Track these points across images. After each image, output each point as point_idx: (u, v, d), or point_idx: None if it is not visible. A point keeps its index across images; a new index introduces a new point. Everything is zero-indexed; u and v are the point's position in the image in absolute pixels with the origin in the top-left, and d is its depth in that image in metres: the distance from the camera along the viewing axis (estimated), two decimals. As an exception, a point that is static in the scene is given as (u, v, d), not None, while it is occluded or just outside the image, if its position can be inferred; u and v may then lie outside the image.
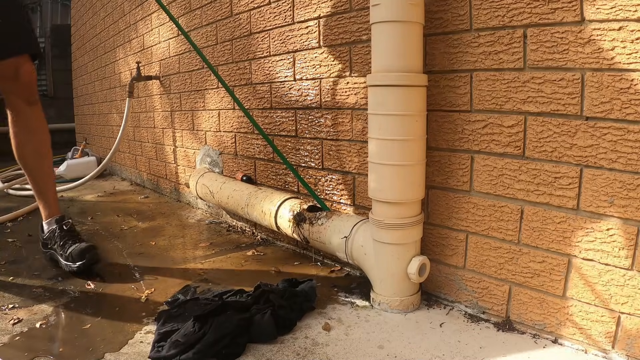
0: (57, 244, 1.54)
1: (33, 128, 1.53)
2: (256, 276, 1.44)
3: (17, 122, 1.51)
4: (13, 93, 1.47)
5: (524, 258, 1.04)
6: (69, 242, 1.53)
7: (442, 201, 1.19)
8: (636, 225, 0.87)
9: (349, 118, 1.41)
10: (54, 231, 1.57)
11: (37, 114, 1.53)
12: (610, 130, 0.88)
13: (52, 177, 1.62)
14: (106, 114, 3.63)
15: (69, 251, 1.49)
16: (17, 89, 1.46)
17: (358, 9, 1.33)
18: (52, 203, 1.61)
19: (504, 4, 1.00)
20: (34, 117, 1.52)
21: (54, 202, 1.62)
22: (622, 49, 0.84)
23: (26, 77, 1.45)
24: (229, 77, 1.95)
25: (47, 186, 1.60)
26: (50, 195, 1.61)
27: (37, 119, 1.53)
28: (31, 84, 1.48)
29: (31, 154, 1.54)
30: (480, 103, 1.08)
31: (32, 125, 1.52)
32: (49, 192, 1.61)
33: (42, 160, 1.57)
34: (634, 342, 0.88)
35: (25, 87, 1.46)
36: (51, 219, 1.60)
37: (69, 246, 1.51)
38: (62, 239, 1.54)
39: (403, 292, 1.16)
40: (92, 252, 1.49)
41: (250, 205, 1.66)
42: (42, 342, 1.06)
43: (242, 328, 1.02)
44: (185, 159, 2.43)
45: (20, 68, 1.43)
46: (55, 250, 1.55)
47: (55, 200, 1.63)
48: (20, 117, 1.50)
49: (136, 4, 2.80)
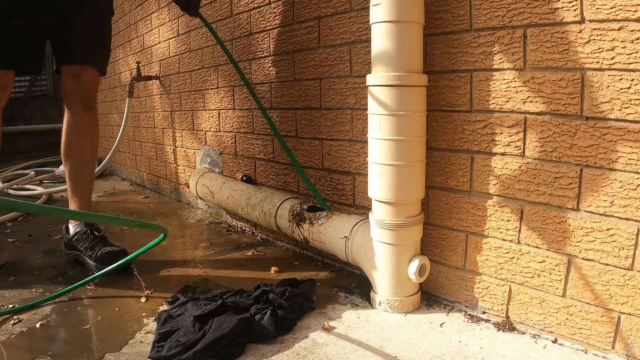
0: (86, 246, 1.55)
1: (84, 132, 1.60)
2: (256, 276, 1.44)
3: (71, 123, 1.58)
4: (73, 94, 1.55)
5: (524, 258, 1.04)
6: (99, 245, 1.54)
7: (442, 201, 1.19)
8: (636, 225, 0.87)
9: (349, 118, 1.41)
10: (83, 233, 1.57)
11: (92, 120, 1.62)
12: (610, 130, 0.88)
13: (91, 183, 1.67)
14: (106, 114, 3.63)
15: (100, 253, 1.50)
16: (77, 91, 1.55)
17: (358, 9, 1.33)
18: (85, 207, 1.64)
19: (504, 4, 1.00)
20: (87, 122, 1.61)
21: (87, 206, 1.65)
22: (622, 49, 0.84)
23: (87, 81, 1.56)
24: (230, 77, 1.95)
25: (84, 189, 1.64)
26: (85, 199, 1.64)
27: (90, 124, 1.62)
28: (90, 90, 1.59)
29: (76, 156, 1.60)
30: (480, 103, 1.08)
31: (84, 129, 1.60)
32: (84, 195, 1.64)
33: (85, 164, 1.63)
34: (634, 342, 0.88)
35: (84, 91, 1.56)
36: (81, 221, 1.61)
37: (99, 248, 1.52)
38: (92, 241, 1.55)
39: (403, 292, 1.16)
40: (123, 256, 1.49)
41: (250, 205, 1.66)
42: (42, 342, 1.06)
43: (242, 328, 1.02)
44: (185, 159, 2.43)
45: (84, 72, 1.54)
46: (82, 252, 1.56)
47: (88, 204, 1.66)
48: (75, 119, 1.58)
49: (136, 4, 2.80)
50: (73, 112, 1.57)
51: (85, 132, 1.60)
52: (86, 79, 1.55)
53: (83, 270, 1.51)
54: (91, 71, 1.56)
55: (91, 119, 1.61)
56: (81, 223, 1.61)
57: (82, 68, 1.54)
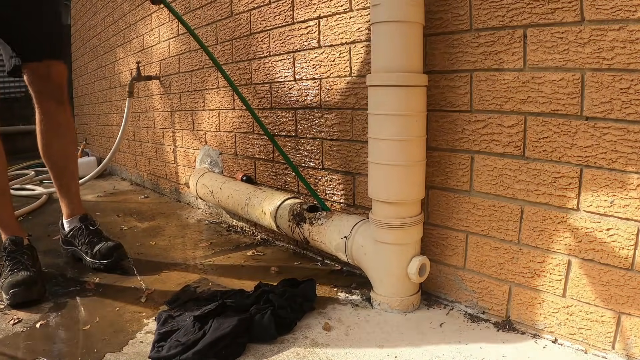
0: (82, 241, 1.56)
1: (61, 128, 1.56)
2: (256, 276, 1.44)
3: (45, 122, 1.53)
4: (44, 93, 1.50)
5: (524, 258, 1.04)
6: (95, 240, 1.54)
7: (442, 201, 1.19)
8: (636, 225, 0.87)
9: (349, 118, 1.41)
10: (78, 229, 1.58)
11: (66, 114, 1.57)
12: (610, 130, 0.88)
13: (76, 177, 1.65)
14: (106, 114, 3.63)
15: (96, 249, 1.51)
16: (48, 89, 1.50)
17: (358, 9, 1.33)
18: (76, 202, 1.63)
19: (504, 4, 1.00)
20: (62, 117, 1.55)
21: (78, 201, 1.64)
22: (622, 49, 0.84)
23: (57, 77, 1.50)
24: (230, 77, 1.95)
25: (71, 185, 1.63)
26: (74, 194, 1.63)
27: (65, 119, 1.56)
28: (62, 85, 1.53)
29: (57, 153, 1.57)
30: (480, 103, 1.08)
31: (60, 125, 1.55)
32: (73, 191, 1.63)
33: (68, 160, 1.60)
34: (634, 342, 0.88)
35: (56, 87, 1.51)
36: (74, 217, 1.62)
37: (95, 244, 1.53)
38: (88, 236, 1.56)
39: (403, 292, 1.16)
40: (120, 250, 1.52)
41: (250, 205, 1.66)
42: (42, 342, 1.06)
43: (242, 328, 1.02)
44: (185, 159, 2.43)
45: (52, 68, 1.47)
46: (78, 247, 1.57)
47: (78, 199, 1.65)
48: (49, 117, 1.53)
49: (136, 4, 2.80)
50: (45, 110, 1.51)
51: (63, 127, 1.55)
52: (55, 74, 1.48)
53: (82, 270, 1.51)
54: (59, 65, 1.49)
55: (65, 111, 1.55)
56: (75, 218, 1.61)
57: (48, 64, 1.46)
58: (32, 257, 1.38)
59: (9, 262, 1.32)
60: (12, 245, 1.36)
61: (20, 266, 1.31)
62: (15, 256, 1.34)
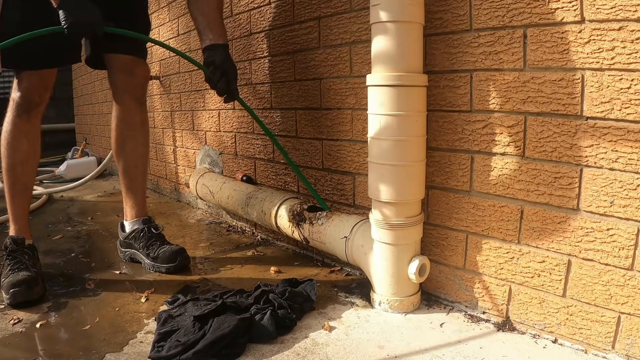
0: (143, 244, 1.52)
1: (137, 127, 1.55)
2: (256, 276, 1.44)
3: (123, 119, 1.53)
4: (126, 90, 1.50)
5: (524, 258, 1.04)
6: (157, 243, 1.51)
7: (442, 201, 1.19)
8: (636, 225, 0.87)
9: (349, 118, 1.41)
10: (140, 230, 1.55)
11: (143, 114, 1.57)
12: (610, 130, 0.88)
13: (145, 179, 1.63)
14: (106, 114, 3.63)
15: (158, 252, 1.48)
16: (130, 86, 1.50)
17: (358, 9, 1.33)
18: (141, 204, 1.60)
19: (504, 4, 1.00)
20: (140, 117, 1.55)
21: (142, 203, 1.61)
22: (622, 49, 0.84)
23: (141, 76, 1.51)
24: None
25: (139, 186, 1.60)
26: (140, 195, 1.61)
27: (142, 119, 1.56)
28: (144, 85, 1.54)
29: (130, 152, 1.56)
30: (480, 103, 1.08)
31: (136, 125, 1.55)
32: (139, 192, 1.61)
33: (139, 160, 1.59)
34: (634, 342, 0.88)
35: (138, 85, 1.51)
36: (137, 219, 1.59)
37: (157, 247, 1.50)
38: (149, 239, 1.53)
39: (403, 292, 1.16)
40: (183, 255, 1.49)
41: (250, 205, 1.66)
42: (42, 342, 1.06)
43: (242, 328, 1.02)
44: (185, 159, 2.43)
45: (138, 66, 1.48)
46: (139, 250, 1.54)
47: (144, 200, 1.63)
48: (127, 115, 1.53)
49: (136, 4, 2.80)
50: (124, 106, 1.51)
51: (138, 126, 1.55)
52: (140, 73, 1.49)
53: (82, 270, 1.51)
54: (144, 65, 1.50)
55: (142, 112, 1.56)
56: (139, 220, 1.58)
57: (135, 61, 1.47)
58: (33, 257, 1.38)
59: (10, 262, 1.32)
60: (14, 245, 1.36)
61: (21, 266, 1.30)
62: (16, 256, 1.33)
